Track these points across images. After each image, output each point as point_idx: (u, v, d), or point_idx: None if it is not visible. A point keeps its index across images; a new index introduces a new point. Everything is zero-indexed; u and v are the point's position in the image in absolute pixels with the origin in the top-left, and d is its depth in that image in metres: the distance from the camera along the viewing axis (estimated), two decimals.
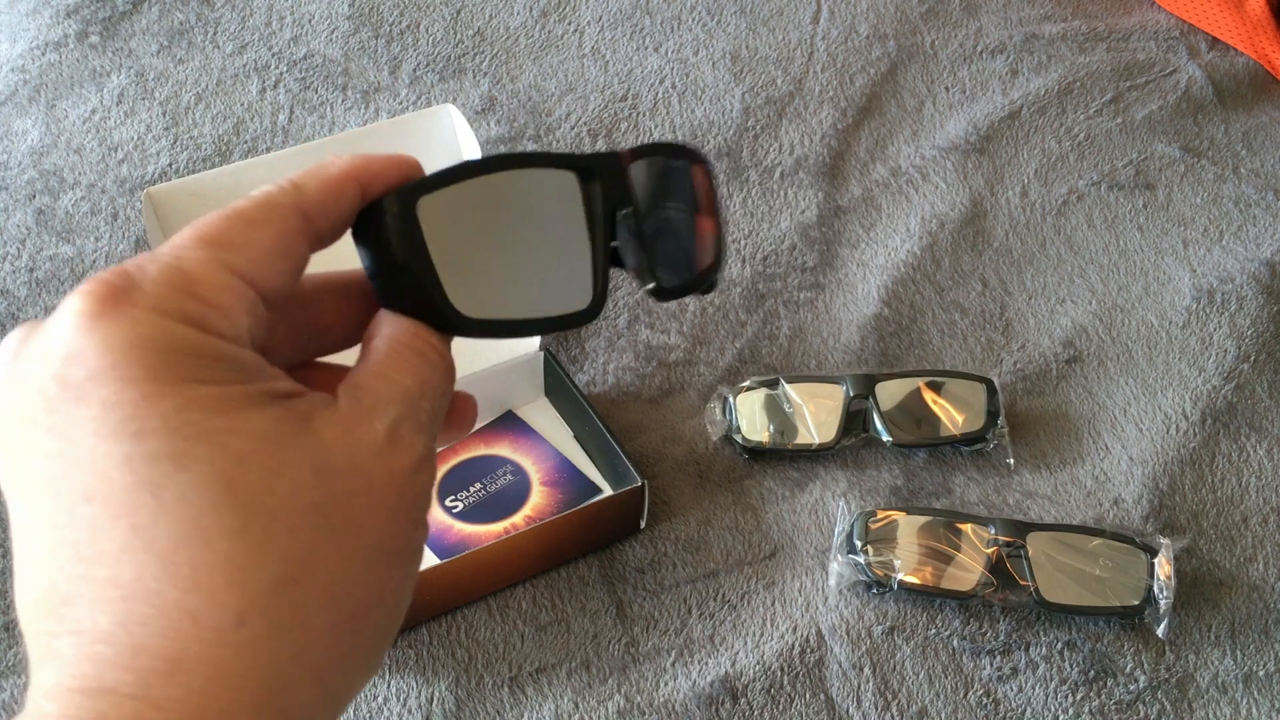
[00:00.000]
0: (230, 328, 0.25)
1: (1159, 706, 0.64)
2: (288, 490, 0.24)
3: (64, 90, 0.99)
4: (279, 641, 0.24)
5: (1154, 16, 1.11)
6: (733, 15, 1.09)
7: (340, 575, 0.25)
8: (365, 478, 0.25)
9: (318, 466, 0.25)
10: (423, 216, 0.28)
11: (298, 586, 0.24)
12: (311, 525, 0.24)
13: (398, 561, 0.26)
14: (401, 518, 0.26)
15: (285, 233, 0.27)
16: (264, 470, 0.24)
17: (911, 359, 0.81)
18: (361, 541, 0.25)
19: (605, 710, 0.63)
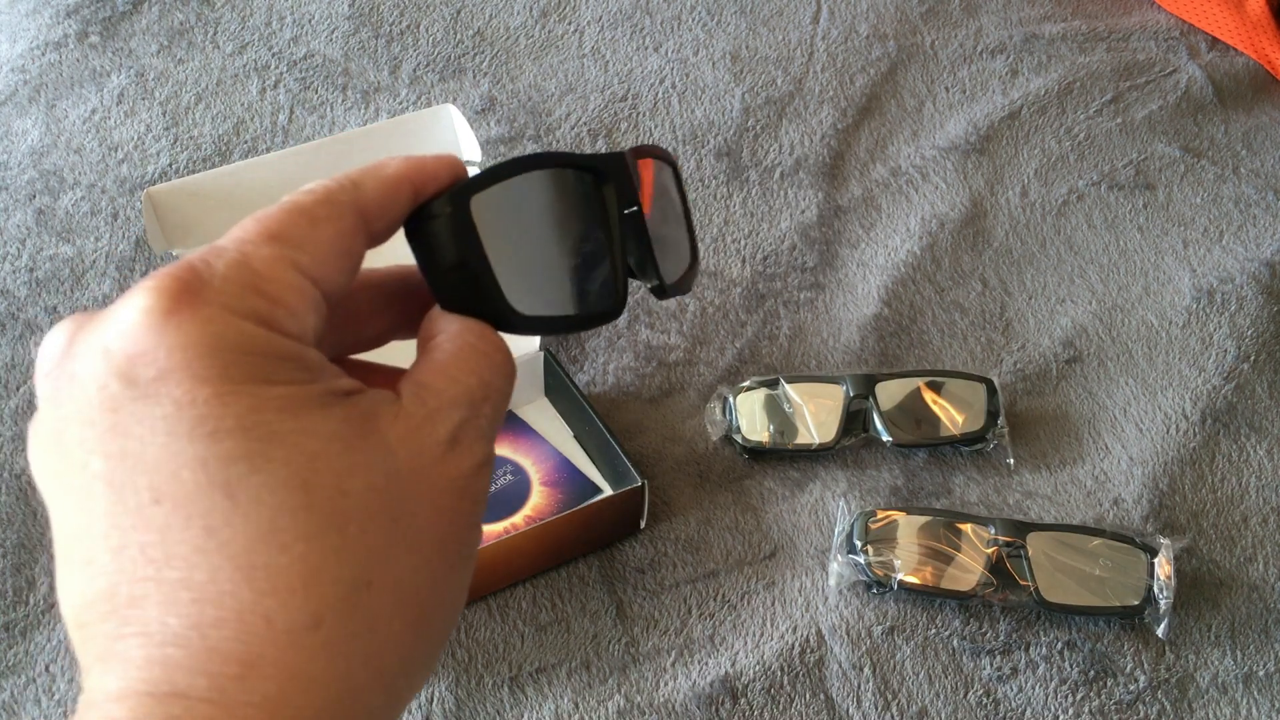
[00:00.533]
0: (297, 326, 0.25)
1: (1159, 706, 0.64)
2: (360, 493, 0.24)
3: (64, 90, 0.99)
4: (353, 645, 0.24)
5: (1154, 16, 1.11)
6: (733, 15, 1.09)
7: (409, 579, 0.25)
8: (428, 482, 0.25)
9: (387, 470, 0.25)
10: (476, 215, 0.28)
11: (371, 590, 0.24)
12: (381, 528, 0.24)
13: (457, 564, 0.26)
14: (461, 521, 0.26)
15: (345, 231, 0.27)
16: (336, 473, 0.24)
17: (911, 359, 0.82)
18: (426, 545, 0.25)
19: (605, 710, 0.63)
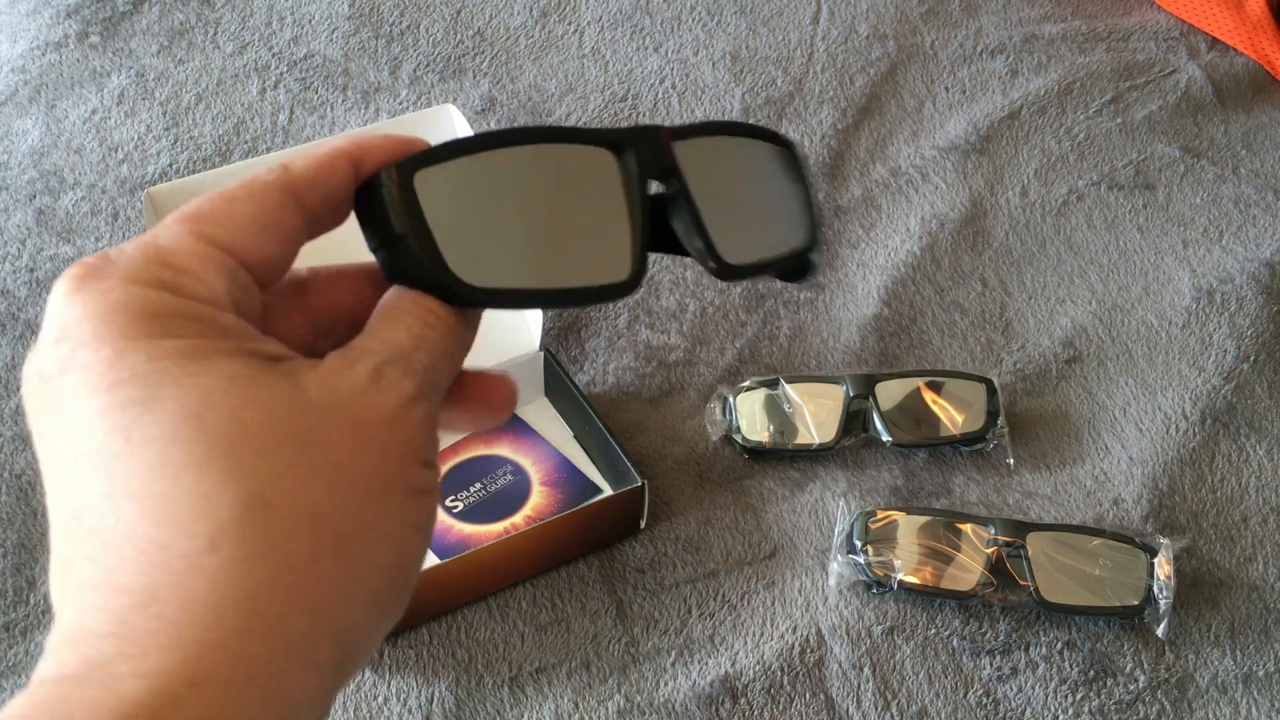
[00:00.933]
0: (204, 290, 0.25)
1: (1159, 706, 0.64)
2: (258, 423, 0.24)
3: (64, 90, 0.99)
4: (252, 565, 0.23)
5: (1154, 16, 1.11)
6: (733, 15, 1.09)
7: (321, 502, 0.24)
8: (346, 412, 0.25)
9: (292, 401, 0.25)
10: (421, 188, 0.28)
11: (270, 510, 0.24)
12: (282, 453, 0.24)
13: (391, 495, 0.26)
14: (393, 453, 0.26)
15: (267, 206, 0.27)
16: (231, 406, 0.24)
17: (911, 359, 0.82)
18: (344, 473, 0.25)
19: (605, 710, 0.63)
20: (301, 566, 0.24)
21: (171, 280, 0.25)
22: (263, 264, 0.27)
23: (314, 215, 0.28)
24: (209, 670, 0.22)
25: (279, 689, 0.23)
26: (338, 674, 0.25)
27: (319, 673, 0.24)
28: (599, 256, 0.31)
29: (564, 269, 0.31)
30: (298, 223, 0.28)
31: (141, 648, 0.22)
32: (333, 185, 0.28)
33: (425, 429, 0.27)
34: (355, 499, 0.25)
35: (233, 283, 0.26)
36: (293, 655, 0.24)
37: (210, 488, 0.23)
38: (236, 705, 0.23)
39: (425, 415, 0.27)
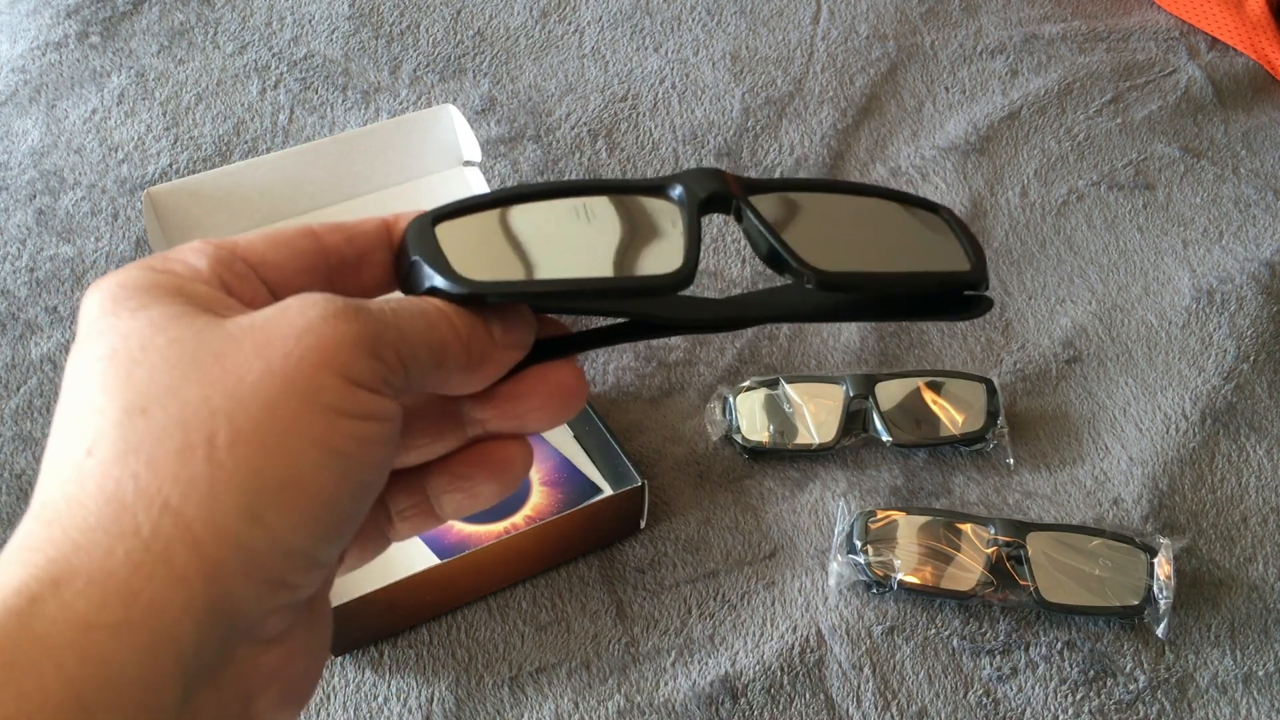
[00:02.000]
0: (186, 269, 0.27)
1: (1159, 706, 0.64)
2: (159, 345, 0.25)
3: (64, 90, 0.99)
4: (116, 465, 0.24)
5: (1154, 16, 1.11)
6: (733, 15, 1.09)
7: (197, 406, 0.24)
8: (256, 328, 0.25)
9: (203, 329, 0.25)
10: (442, 231, 0.29)
11: (145, 416, 0.24)
12: (175, 369, 0.25)
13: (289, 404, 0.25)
14: (301, 358, 0.25)
15: (283, 231, 0.29)
16: (144, 338, 0.25)
17: (911, 359, 0.82)
18: (233, 377, 0.25)
19: (605, 710, 0.63)
20: (161, 465, 0.24)
21: (161, 264, 0.27)
22: (269, 266, 0.28)
23: (336, 253, 0.29)
24: (69, 569, 0.23)
25: (139, 591, 0.23)
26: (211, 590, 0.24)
27: (185, 587, 0.23)
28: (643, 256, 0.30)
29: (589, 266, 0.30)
30: (312, 247, 0.29)
31: (27, 552, 0.23)
32: (355, 231, 0.30)
33: (353, 342, 0.26)
34: (236, 402, 0.24)
35: (223, 265, 0.27)
36: (150, 558, 0.23)
37: (100, 402, 0.25)
38: (90, 605, 0.22)
39: (355, 331, 0.26)
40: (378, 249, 0.30)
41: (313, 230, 0.29)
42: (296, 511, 0.25)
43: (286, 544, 0.25)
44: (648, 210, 0.31)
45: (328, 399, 0.25)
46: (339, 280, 0.29)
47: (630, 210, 0.31)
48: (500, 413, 0.31)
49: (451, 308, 0.28)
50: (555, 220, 0.30)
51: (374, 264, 0.30)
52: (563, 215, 0.30)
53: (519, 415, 0.31)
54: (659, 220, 0.31)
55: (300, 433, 0.25)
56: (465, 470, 0.31)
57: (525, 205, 0.30)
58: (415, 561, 0.68)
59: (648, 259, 0.30)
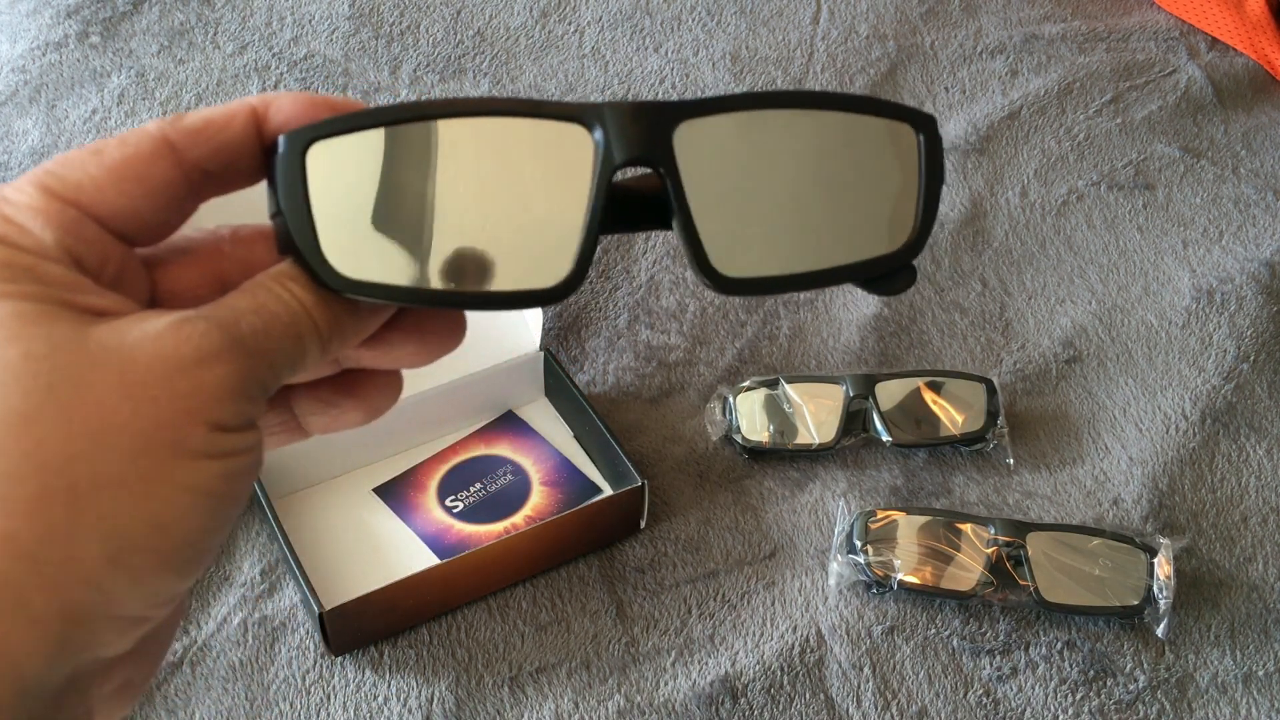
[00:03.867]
0: (29, 240, 0.25)
1: (1159, 706, 0.64)
2: (11, 360, 0.23)
3: (64, 90, 0.99)
4: None
5: (1154, 16, 1.11)
6: (733, 15, 1.09)
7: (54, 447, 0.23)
8: (122, 358, 0.24)
9: (61, 341, 0.24)
10: (314, 162, 0.26)
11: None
12: (26, 392, 0.23)
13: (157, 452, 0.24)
14: (166, 404, 0.24)
15: (135, 156, 0.26)
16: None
17: (911, 359, 0.82)
18: (93, 417, 0.23)
19: (605, 710, 0.63)
20: (18, 508, 0.23)
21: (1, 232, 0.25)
22: (123, 216, 0.26)
23: (200, 170, 0.27)
24: None
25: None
26: (67, 630, 0.23)
27: (39, 628, 0.23)
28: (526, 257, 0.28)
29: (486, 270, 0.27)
30: (173, 175, 0.26)
31: None
32: (224, 139, 0.27)
33: (225, 390, 0.25)
34: (99, 448, 0.23)
35: (69, 234, 0.25)
36: (3, 599, 0.22)
37: None
38: None
39: (228, 376, 0.25)
40: (246, 155, 0.27)
41: (170, 145, 0.26)
42: (162, 554, 0.24)
43: (150, 586, 0.24)
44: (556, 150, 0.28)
45: (196, 446, 0.24)
46: (206, 194, 0.27)
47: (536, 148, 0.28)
48: (372, 357, 0.30)
49: (312, 298, 0.27)
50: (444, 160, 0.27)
51: (244, 172, 0.28)
52: (454, 152, 0.27)
53: (392, 359, 0.30)
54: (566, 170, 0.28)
55: (167, 480, 0.24)
56: (333, 398, 0.30)
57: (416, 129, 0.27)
58: (415, 561, 0.68)
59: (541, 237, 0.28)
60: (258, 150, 0.27)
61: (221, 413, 0.25)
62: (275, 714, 0.62)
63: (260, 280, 0.27)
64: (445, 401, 0.74)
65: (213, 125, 0.27)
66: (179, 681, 0.63)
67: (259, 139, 0.27)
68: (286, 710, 0.62)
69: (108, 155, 0.26)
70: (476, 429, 0.76)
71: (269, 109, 0.27)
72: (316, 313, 0.27)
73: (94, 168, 0.26)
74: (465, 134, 0.27)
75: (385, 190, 0.27)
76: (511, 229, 0.28)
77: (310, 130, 0.26)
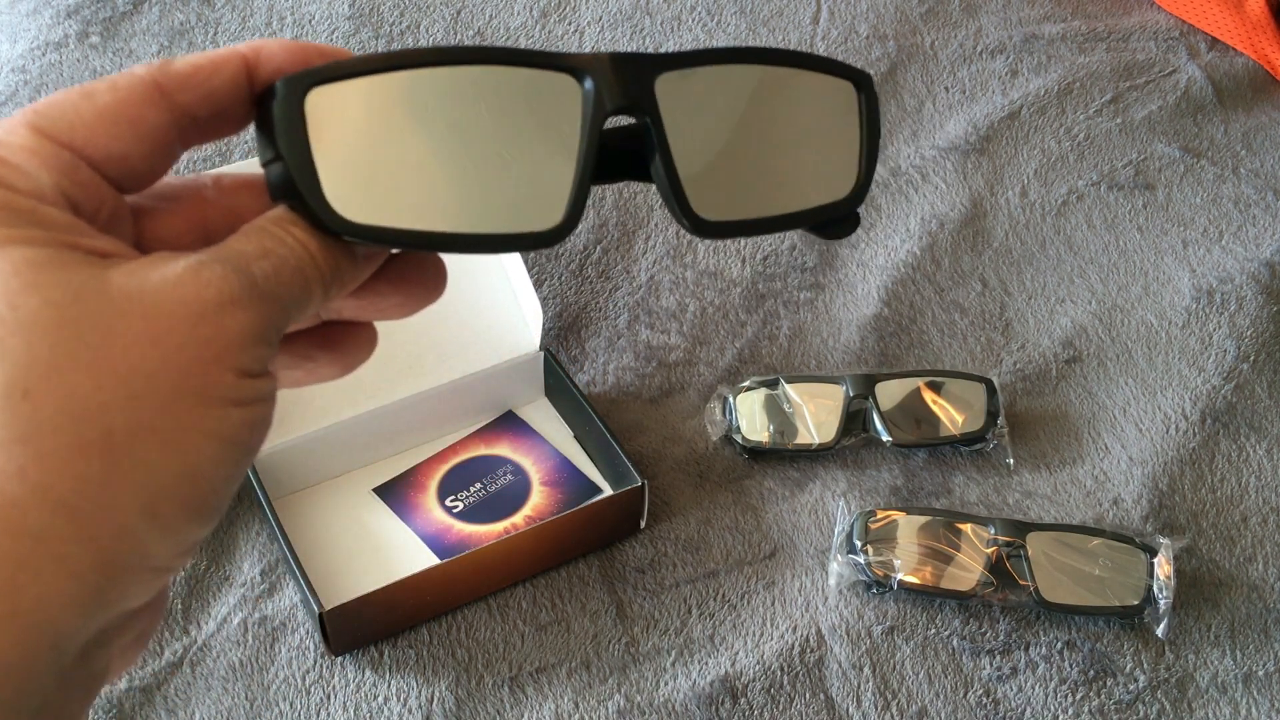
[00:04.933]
0: (28, 184, 0.24)
1: (1159, 706, 0.64)
2: (32, 307, 0.23)
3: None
4: (4, 456, 0.22)
5: (1154, 16, 1.11)
6: (733, 15, 1.09)
7: (87, 397, 0.23)
8: (145, 303, 0.24)
9: (81, 288, 0.23)
10: (314, 106, 0.26)
11: (28, 400, 0.22)
12: (55, 342, 0.23)
13: (185, 398, 0.24)
14: (192, 351, 0.24)
15: (127, 100, 0.26)
16: (12, 289, 0.23)
17: (911, 359, 0.82)
18: (123, 365, 0.23)
19: (605, 710, 0.63)
20: (54, 461, 0.22)
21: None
22: (114, 161, 0.26)
23: (189, 115, 0.27)
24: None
25: (26, 586, 0.22)
26: (103, 582, 0.23)
27: (76, 581, 0.23)
28: (521, 201, 0.29)
29: (474, 213, 0.28)
30: (163, 120, 0.26)
31: None
32: (214, 86, 0.27)
33: (247, 336, 0.25)
34: (132, 395, 0.23)
35: (65, 177, 0.25)
36: (40, 553, 0.22)
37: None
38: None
39: (249, 322, 0.25)
40: (235, 102, 0.27)
41: (160, 89, 0.26)
42: (192, 504, 0.24)
43: (180, 535, 0.24)
44: (547, 99, 0.29)
45: (223, 393, 0.24)
46: (192, 141, 0.27)
47: (528, 96, 0.28)
48: (357, 307, 0.30)
49: (315, 242, 0.27)
50: (440, 106, 0.28)
51: (232, 119, 0.27)
52: (449, 98, 0.28)
53: (376, 310, 0.30)
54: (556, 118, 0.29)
55: (196, 427, 0.24)
56: (311, 351, 0.31)
57: (412, 75, 0.27)
58: (415, 561, 0.68)
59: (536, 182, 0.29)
60: (247, 97, 0.27)
61: (245, 358, 0.25)
62: (275, 714, 0.62)
63: (260, 225, 0.27)
64: (445, 401, 0.74)
65: (202, 71, 0.26)
66: (179, 681, 0.63)
67: (249, 86, 0.27)
68: (286, 710, 0.62)
69: (99, 98, 0.26)
70: (476, 429, 0.76)
71: (259, 56, 0.27)
72: (320, 256, 0.27)
73: (86, 110, 0.25)
74: (461, 81, 0.28)
75: (383, 135, 0.27)
76: (507, 174, 0.28)
77: (310, 75, 0.26)
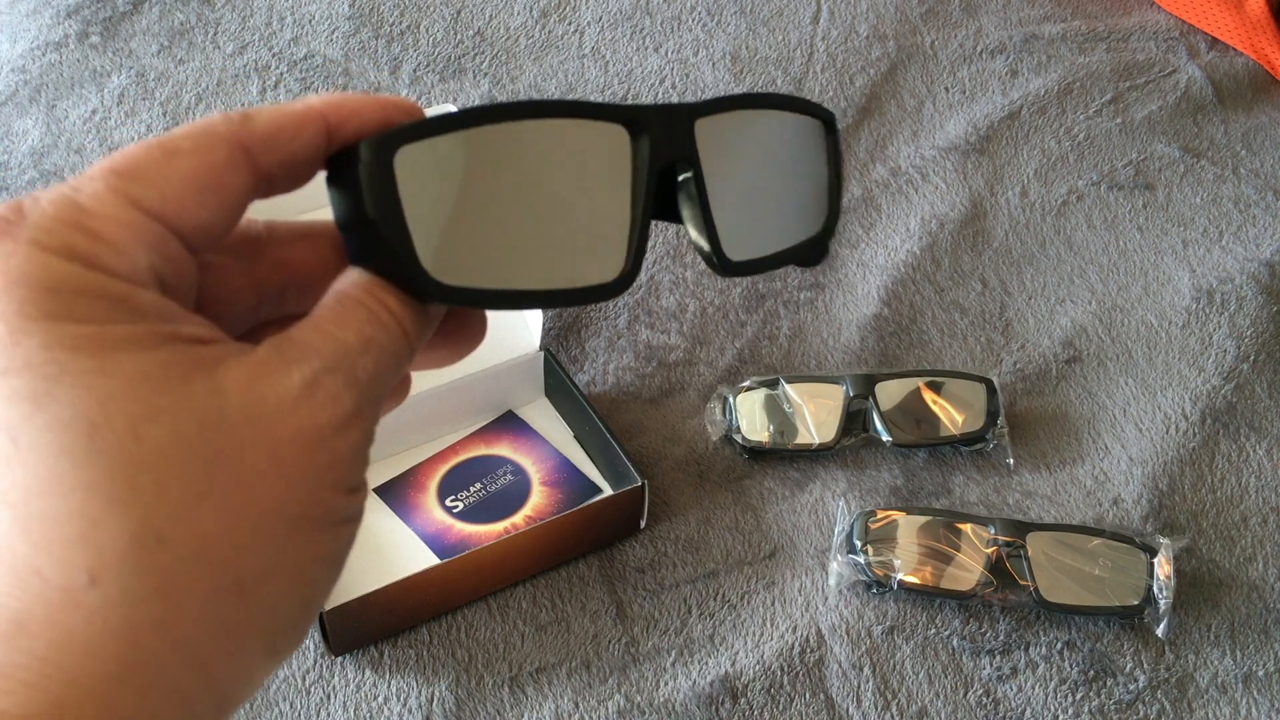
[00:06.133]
0: (124, 265, 0.23)
1: (1159, 706, 0.64)
2: (160, 439, 0.21)
3: (64, 90, 0.99)
4: (137, 608, 0.21)
5: (1154, 16, 1.11)
6: (733, 15, 1.09)
7: (221, 539, 0.22)
8: (266, 432, 0.22)
9: (205, 415, 0.22)
10: (401, 169, 0.25)
11: (163, 548, 0.21)
12: (185, 479, 0.21)
13: (307, 529, 0.23)
14: (313, 480, 0.23)
15: (214, 165, 0.24)
16: (132, 416, 0.21)
17: (911, 359, 0.82)
18: (253, 502, 0.22)
19: (605, 710, 0.63)
20: (191, 611, 0.22)
21: (86, 249, 0.22)
22: (200, 231, 0.24)
23: (268, 178, 0.25)
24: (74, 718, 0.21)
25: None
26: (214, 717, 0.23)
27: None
28: (588, 253, 0.29)
29: (548, 267, 0.28)
30: (246, 185, 0.25)
31: (7, 683, 0.20)
32: (296, 148, 0.25)
33: (357, 454, 0.24)
34: (261, 535, 0.22)
35: (157, 254, 0.23)
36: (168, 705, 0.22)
37: (98, 514, 0.21)
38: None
39: (360, 438, 0.24)
40: (313, 164, 0.26)
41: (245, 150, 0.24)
42: (304, 630, 0.24)
43: (287, 657, 0.25)
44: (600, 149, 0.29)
45: (337, 515, 0.24)
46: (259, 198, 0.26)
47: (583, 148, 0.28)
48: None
49: (408, 313, 0.26)
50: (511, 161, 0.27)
51: (302, 179, 0.26)
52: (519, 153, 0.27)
53: (421, 361, 0.30)
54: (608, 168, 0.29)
55: (314, 556, 0.24)
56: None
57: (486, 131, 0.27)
58: (415, 561, 0.68)
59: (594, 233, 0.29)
60: (323, 157, 0.26)
61: (353, 476, 0.24)
62: (275, 714, 0.62)
63: (354, 298, 0.25)
64: (445, 401, 0.74)
65: (285, 133, 0.25)
66: None
67: (327, 147, 0.26)
68: (286, 710, 0.62)
69: (183, 162, 0.24)
70: (476, 429, 0.76)
71: (341, 115, 0.26)
72: (411, 330, 0.26)
73: (173, 176, 0.24)
74: (526, 136, 0.27)
75: (464, 193, 0.27)
76: (570, 226, 0.28)
77: (396, 135, 0.25)
